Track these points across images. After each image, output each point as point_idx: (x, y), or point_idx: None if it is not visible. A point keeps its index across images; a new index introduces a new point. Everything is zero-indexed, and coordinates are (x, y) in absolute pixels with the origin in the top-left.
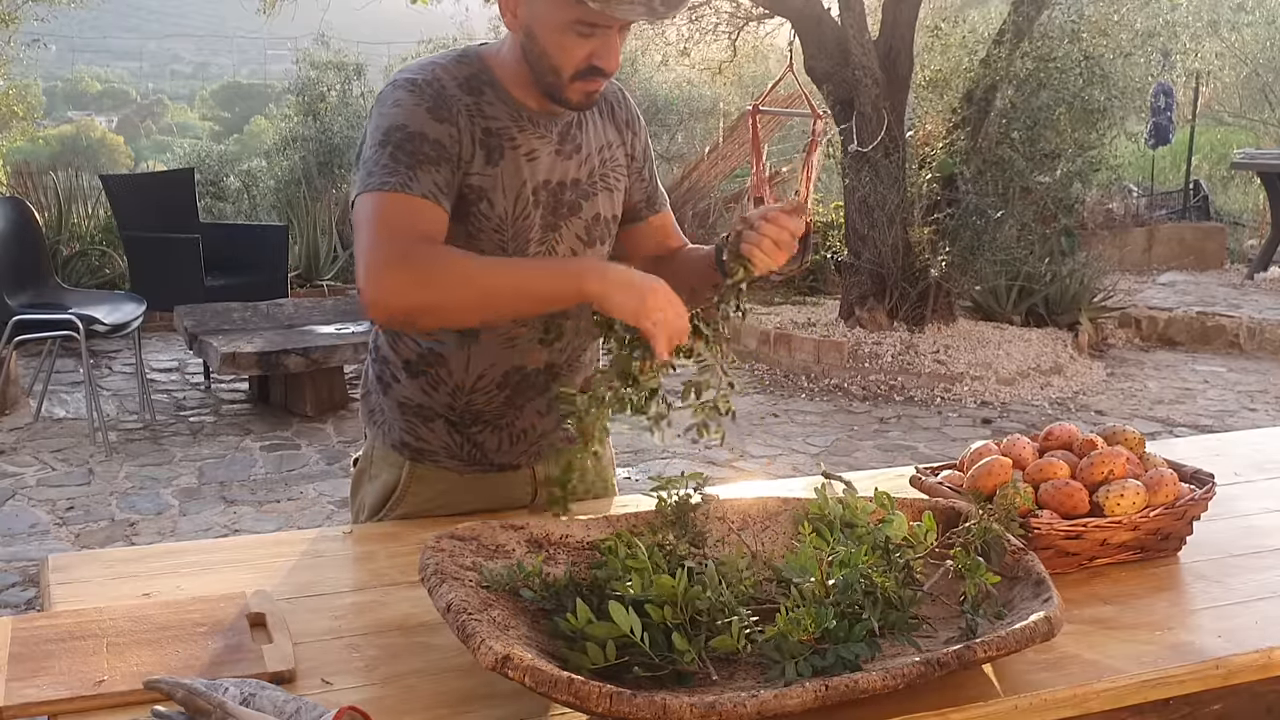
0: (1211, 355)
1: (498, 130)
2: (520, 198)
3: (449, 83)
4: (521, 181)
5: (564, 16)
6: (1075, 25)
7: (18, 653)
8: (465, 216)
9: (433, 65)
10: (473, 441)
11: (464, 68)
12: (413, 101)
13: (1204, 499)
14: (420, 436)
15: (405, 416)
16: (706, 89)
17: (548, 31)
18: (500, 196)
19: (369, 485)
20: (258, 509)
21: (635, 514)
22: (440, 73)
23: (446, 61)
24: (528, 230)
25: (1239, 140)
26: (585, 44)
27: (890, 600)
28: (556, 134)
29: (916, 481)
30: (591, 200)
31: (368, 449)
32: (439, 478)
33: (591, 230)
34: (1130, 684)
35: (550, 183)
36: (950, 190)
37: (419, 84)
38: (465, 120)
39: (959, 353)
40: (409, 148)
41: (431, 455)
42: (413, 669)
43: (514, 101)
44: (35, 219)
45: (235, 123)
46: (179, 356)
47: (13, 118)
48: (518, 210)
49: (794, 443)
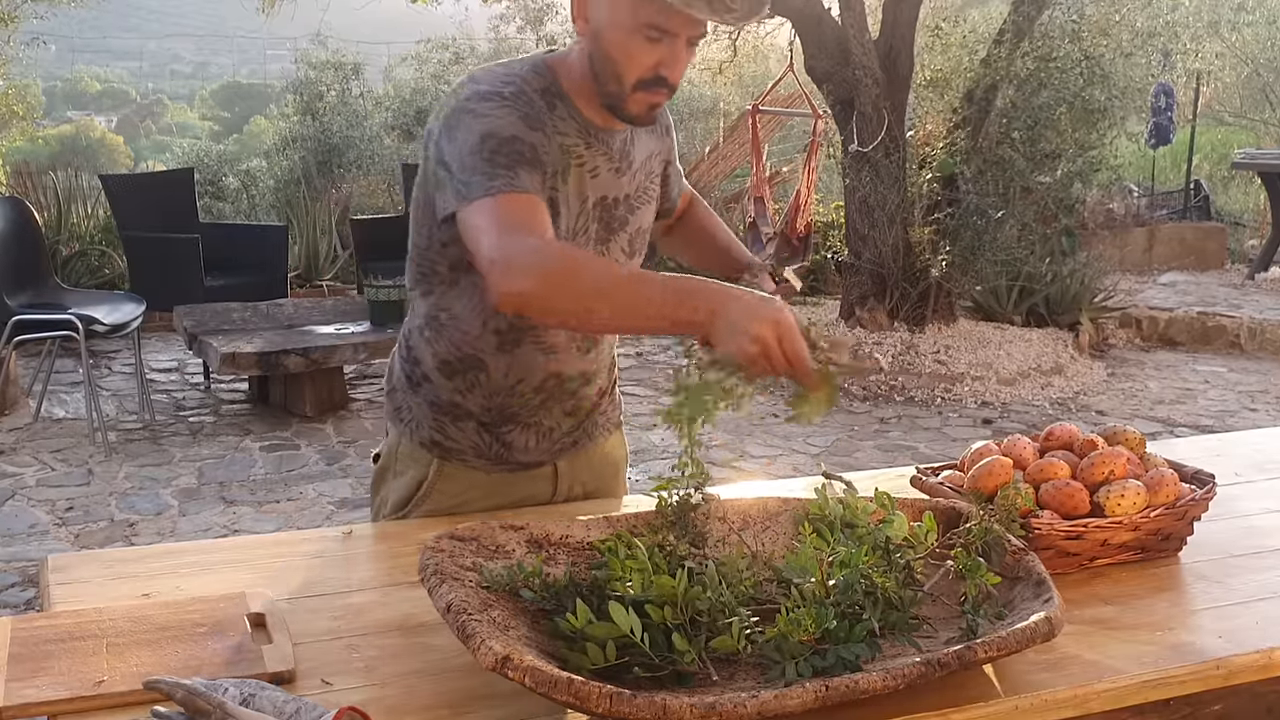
0: (1212, 355)
1: (569, 147)
2: (581, 214)
3: (533, 95)
4: (584, 198)
5: (634, 19)
6: (1075, 25)
7: (17, 653)
8: None
9: (513, 77)
10: (501, 441)
11: (539, 79)
12: (503, 109)
13: (1204, 499)
14: (449, 435)
15: (435, 415)
16: (706, 89)
17: (617, 35)
18: (565, 211)
19: (393, 482)
20: (257, 509)
21: (635, 514)
22: (523, 85)
23: (524, 73)
24: (585, 245)
25: (1239, 140)
26: (653, 51)
27: (890, 601)
28: (616, 150)
29: (917, 482)
30: (636, 214)
31: (391, 445)
32: (465, 476)
33: (634, 243)
34: (1131, 684)
35: (606, 199)
36: (950, 190)
37: (507, 96)
38: (549, 132)
39: (959, 353)
40: (506, 150)
41: (459, 454)
42: (413, 669)
43: (581, 117)
44: (35, 219)
45: (235, 123)
46: (179, 356)
47: (13, 118)
48: (578, 226)
49: (794, 443)
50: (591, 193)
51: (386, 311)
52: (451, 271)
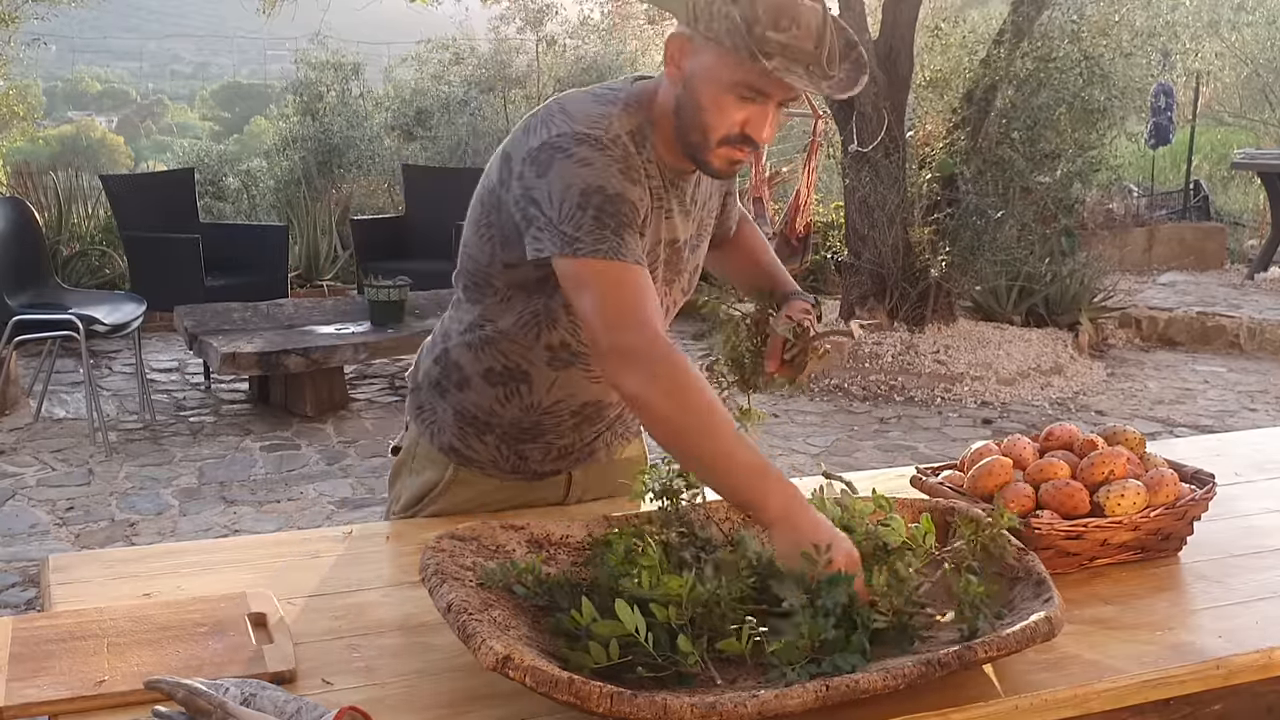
0: (1212, 355)
1: (655, 190)
2: (652, 254)
3: (626, 140)
4: (658, 240)
5: (731, 76)
6: (1075, 25)
7: (18, 653)
8: None
9: (607, 118)
10: (520, 455)
11: (631, 119)
12: (605, 161)
13: (1204, 499)
14: (470, 445)
15: (460, 424)
16: None
17: (710, 89)
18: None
19: (410, 478)
20: (258, 509)
21: (635, 514)
22: (617, 127)
23: (618, 109)
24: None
25: (1239, 140)
26: (743, 109)
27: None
28: (688, 192)
29: (917, 482)
30: (696, 252)
31: (411, 443)
32: (480, 483)
33: (691, 280)
34: (1131, 684)
35: (676, 241)
36: (950, 190)
37: (605, 142)
38: (644, 181)
39: (959, 353)
40: (612, 210)
41: (478, 463)
42: (413, 669)
43: (663, 159)
44: (35, 219)
45: (235, 123)
46: (179, 356)
47: (13, 118)
48: (650, 264)
49: (794, 443)
50: (664, 235)
51: (386, 311)
52: (508, 289)
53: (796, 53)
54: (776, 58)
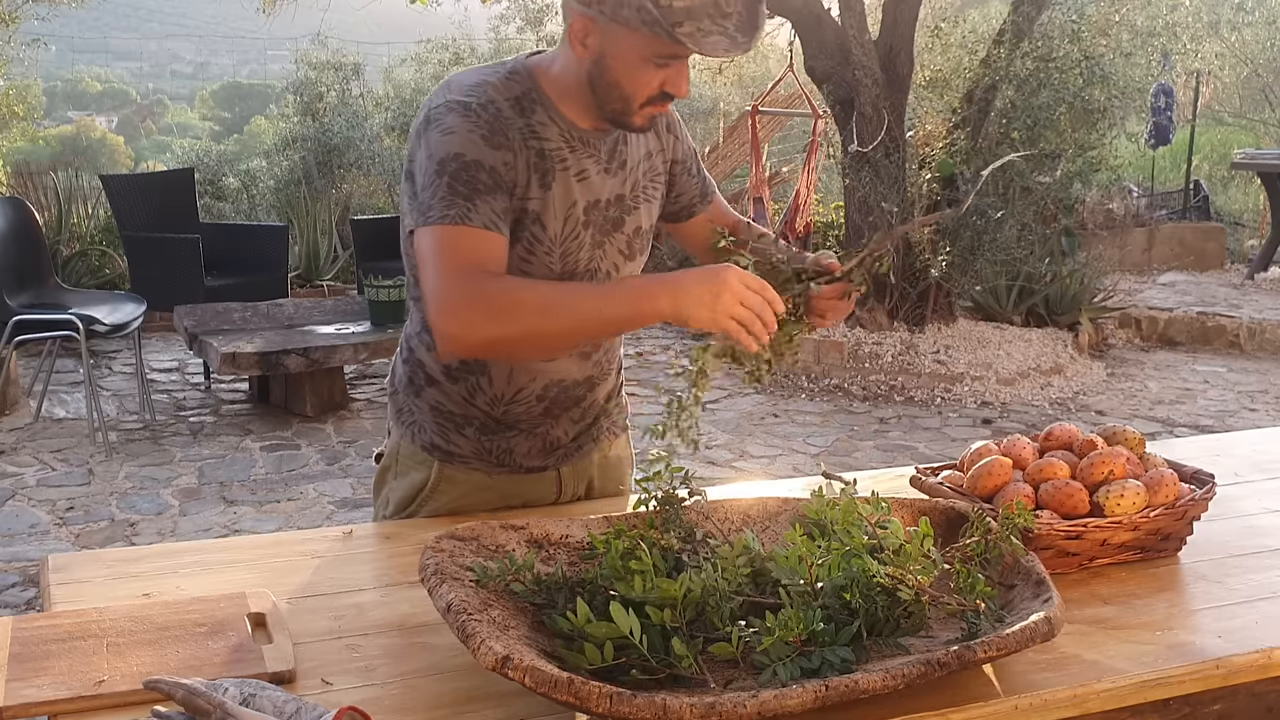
0: (1212, 355)
1: (550, 152)
2: (570, 218)
3: (503, 104)
4: (572, 202)
5: (645, 51)
6: (1075, 25)
7: (18, 653)
8: (518, 239)
9: (484, 85)
10: (504, 447)
11: (514, 85)
12: (467, 127)
13: (1204, 499)
14: (451, 440)
15: (437, 420)
16: (706, 89)
17: (624, 63)
18: (552, 219)
19: (395, 482)
20: (258, 509)
21: (635, 514)
22: (493, 93)
23: (497, 79)
24: (577, 250)
25: (1239, 140)
26: (659, 74)
27: (882, 604)
28: (605, 152)
29: (916, 482)
30: (633, 214)
31: (394, 446)
32: (467, 478)
33: (632, 244)
34: (1130, 684)
35: (599, 201)
36: (950, 190)
37: (473, 108)
38: (519, 144)
39: (959, 353)
40: (465, 177)
41: (461, 458)
42: (413, 669)
43: (565, 120)
44: (35, 219)
45: (235, 123)
46: (179, 356)
47: (13, 118)
48: (568, 231)
49: (794, 443)
50: (580, 196)
51: (386, 311)
52: None
53: (698, 9)
54: (685, 24)
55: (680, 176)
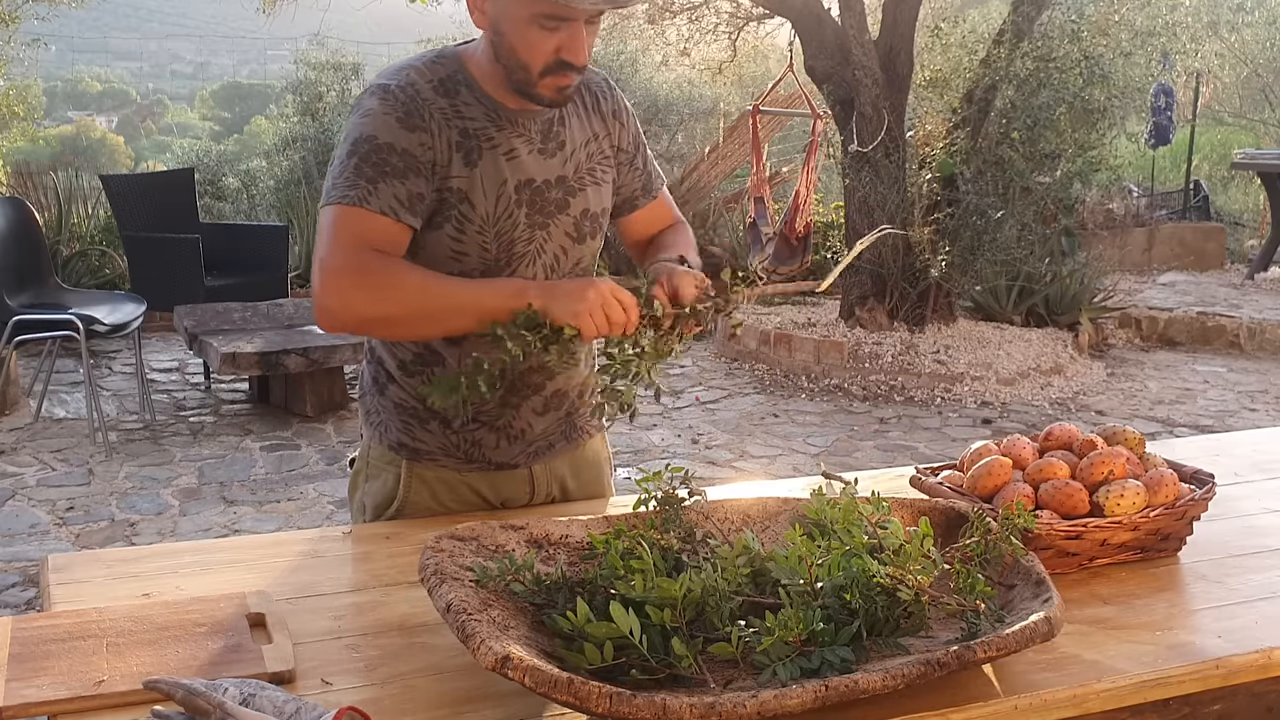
0: (1212, 355)
1: (475, 131)
2: (502, 197)
3: (423, 86)
4: (502, 180)
5: (527, 10)
6: (1075, 25)
7: (18, 653)
8: (448, 219)
9: (407, 69)
10: (470, 440)
11: (440, 68)
12: (383, 110)
13: (1204, 499)
14: (417, 436)
15: (402, 417)
16: (706, 89)
17: (513, 27)
18: (480, 197)
19: (367, 485)
20: (258, 509)
21: (635, 514)
22: (414, 76)
23: (421, 63)
24: (512, 229)
25: (1239, 140)
26: (551, 38)
27: (882, 604)
28: (538, 132)
29: (916, 482)
30: (579, 196)
31: (364, 450)
32: (437, 477)
33: (580, 226)
34: (1130, 684)
35: (534, 181)
36: (950, 190)
37: (391, 90)
38: (439, 125)
39: (959, 353)
40: (374, 159)
41: (429, 455)
42: (413, 669)
43: (491, 101)
44: (35, 219)
45: (235, 123)
46: (179, 356)
47: (13, 118)
48: (499, 210)
49: (794, 443)
50: (511, 175)
51: None
52: None
53: None
54: None
55: (623, 166)
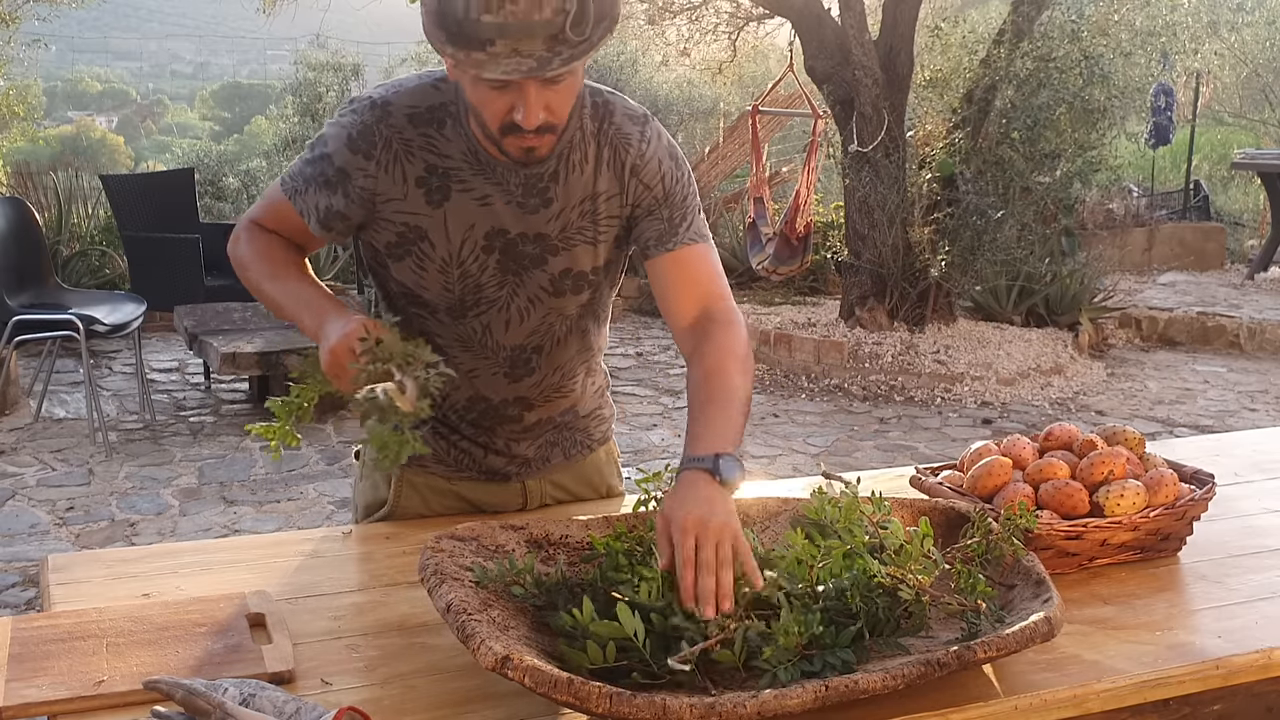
0: (1212, 355)
1: (447, 169)
2: (468, 242)
3: (398, 113)
4: (469, 225)
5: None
6: (1075, 25)
7: (18, 653)
8: (409, 253)
9: (397, 88)
10: (458, 448)
11: (434, 94)
12: (345, 124)
13: (1204, 499)
14: None
15: None
16: (706, 89)
17: (468, 84)
18: (442, 238)
19: (361, 484)
20: (258, 509)
21: (635, 514)
22: (396, 100)
23: (415, 85)
24: (479, 274)
25: (1239, 140)
26: (502, 97)
27: (883, 605)
28: (518, 185)
29: (916, 482)
30: (561, 255)
31: (362, 449)
32: (427, 484)
33: (559, 283)
34: (1130, 684)
35: (508, 233)
36: (950, 190)
37: (363, 108)
38: (395, 155)
39: (959, 353)
40: (317, 165)
41: (419, 460)
42: (413, 669)
43: (474, 142)
44: (35, 219)
45: (235, 123)
46: (179, 356)
47: (13, 118)
48: (465, 254)
49: (794, 443)
50: (481, 222)
51: None
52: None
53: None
54: (497, 42)
55: (641, 219)
